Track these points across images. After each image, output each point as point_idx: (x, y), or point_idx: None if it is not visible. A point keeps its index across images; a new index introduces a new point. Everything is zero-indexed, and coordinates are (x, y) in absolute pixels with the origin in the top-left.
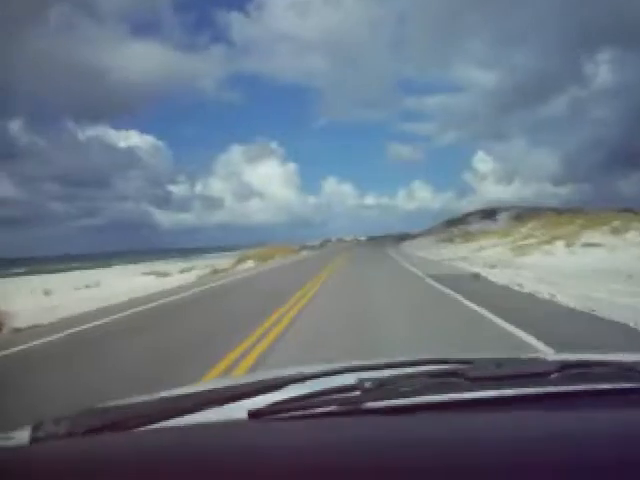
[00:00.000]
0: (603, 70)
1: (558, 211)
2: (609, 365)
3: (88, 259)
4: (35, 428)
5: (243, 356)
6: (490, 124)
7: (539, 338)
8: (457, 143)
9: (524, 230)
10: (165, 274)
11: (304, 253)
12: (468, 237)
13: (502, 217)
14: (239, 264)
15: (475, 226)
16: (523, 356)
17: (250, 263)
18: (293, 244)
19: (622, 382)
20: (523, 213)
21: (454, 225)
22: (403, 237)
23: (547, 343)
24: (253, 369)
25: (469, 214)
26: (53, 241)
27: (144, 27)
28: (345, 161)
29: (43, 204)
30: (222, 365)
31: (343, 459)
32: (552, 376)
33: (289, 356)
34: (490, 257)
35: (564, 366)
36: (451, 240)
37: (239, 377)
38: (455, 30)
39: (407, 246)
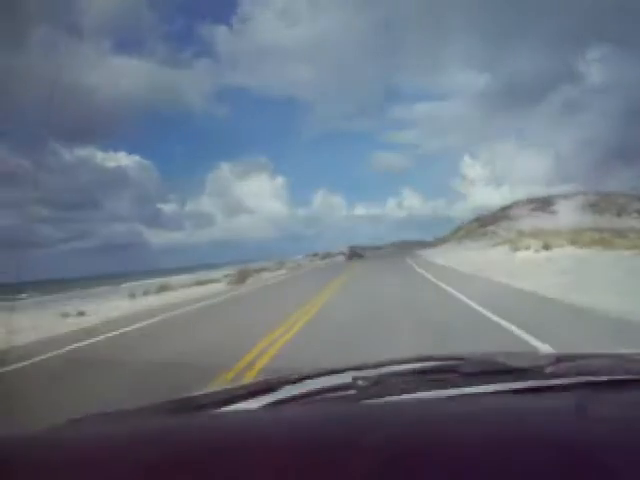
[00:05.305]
0: (595, 69)
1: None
2: (605, 357)
3: (75, 283)
4: None
5: None
6: (479, 128)
7: None
8: (445, 149)
9: None
10: None
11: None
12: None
13: (564, 208)
14: None
15: (526, 221)
16: (515, 351)
17: None
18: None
19: (619, 374)
20: (597, 199)
21: (492, 223)
22: (409, 246)
23: None
24: None
25: (507, 207)
26: (47, 265)
27: (127, 43)
28: (335, 172)
29: (33, 228)
30: None
31: (343, 448)
32: (547, 369)
33: None
34: None
35: (559, 359)
36: (533, 248)
37: (235, 383)
38: (442, 35)
39: (475, 271)
